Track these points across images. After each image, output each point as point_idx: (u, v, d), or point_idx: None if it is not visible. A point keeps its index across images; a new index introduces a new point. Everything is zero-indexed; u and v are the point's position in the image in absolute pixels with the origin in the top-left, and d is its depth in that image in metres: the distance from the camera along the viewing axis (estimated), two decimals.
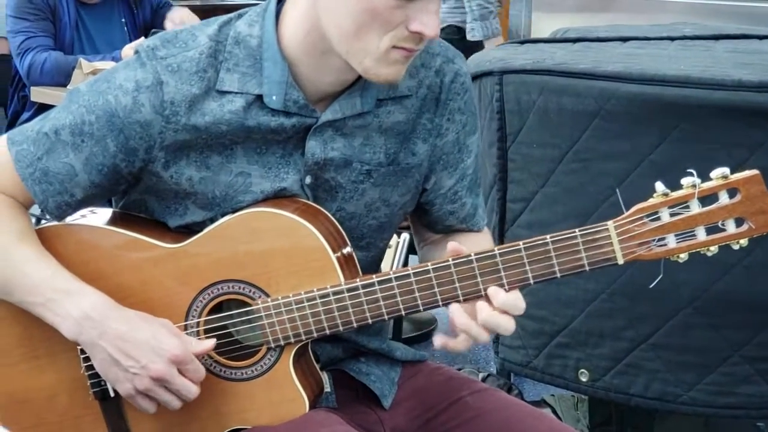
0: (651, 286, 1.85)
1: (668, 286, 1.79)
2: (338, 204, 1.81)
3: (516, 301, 1.67)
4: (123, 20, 4.61)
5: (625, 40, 3.33)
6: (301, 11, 1.71)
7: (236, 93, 1.73)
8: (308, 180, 1.78)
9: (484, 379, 3.24)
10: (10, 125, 4.66)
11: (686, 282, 2.63)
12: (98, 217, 1.88)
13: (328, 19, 1.67)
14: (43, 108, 4.16)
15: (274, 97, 1.73)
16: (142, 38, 4.36)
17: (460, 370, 3.31)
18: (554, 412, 3.31)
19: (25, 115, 4.51)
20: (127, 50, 4.30)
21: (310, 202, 1.79)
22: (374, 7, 1.62)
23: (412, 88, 1.82)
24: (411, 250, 3.72)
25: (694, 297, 2.67)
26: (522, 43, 3.36)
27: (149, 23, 4.65)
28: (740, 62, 2.84)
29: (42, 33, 4.40)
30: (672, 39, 3.36)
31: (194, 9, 6.87)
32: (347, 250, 1.78)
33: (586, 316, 2.79)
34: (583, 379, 2.83)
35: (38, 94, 4.30)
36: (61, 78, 4.25)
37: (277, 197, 1.78)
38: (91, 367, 1.80)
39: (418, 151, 1.85)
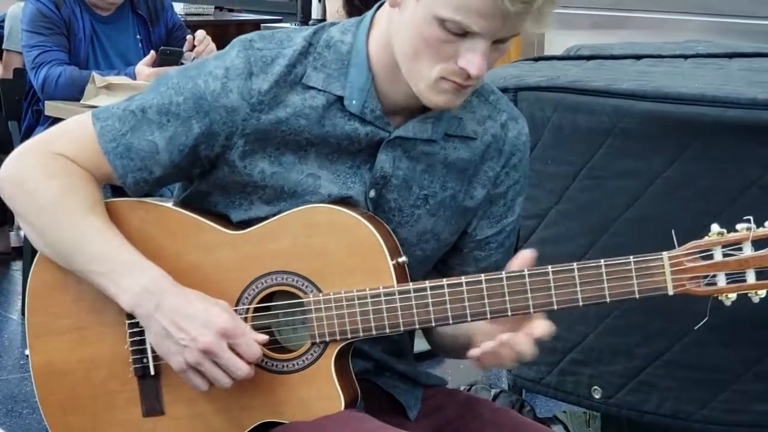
0: (696, 327, 1.87)
1: (681, 303, 1.80)
2: (392, 227, 1.83)
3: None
4: (138, 37, 4.62)
5: (638, 57, 3.33)
6: (383, 25, 1.77)
7: (319, 90, 1.79)
8: (372, 194, 1.82)
9: (496, 395, 3.24)
10: (24, 139, 4.67)
11: (699, 299, 2.63)
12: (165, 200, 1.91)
13: (395, 39, 1.74)
14: (58, 122, 4.17)
15: (354, 102, 1.78)
16: (153, 53, 4.36)
17: (472, 386, 3.32)
18: (566, 429, 3.30)
19: (39, 129, 4.52)
20: (141, 67, 4.32)
21: (370, 213, 1.82)
22: (426, 37, 1.67)
23: (478, 132, 1.86)
24: None
25: (708, 315, 2.66)
26: (536, 60, 3.37)
27: (164, 42, 4.65)
28: (754, 80, 2.85)
29: (56, 47, 4.41)
30: (685, 57, 3.37)
31: (207, 24, 6.93)
32: (402, 259, 1.79)
33: (600, 332, 2.79)
34: (596, 396, 2.83)
35: (52, 108, 4.31)
36: (76, 92, 4.26)
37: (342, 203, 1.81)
38: (135, 343, 1.83)
39: (476, 196, 1.88)
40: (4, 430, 3.69)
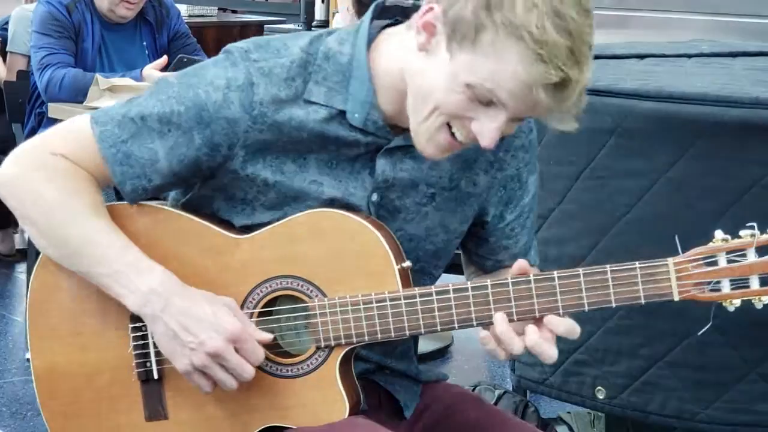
0: (699, 333, 1.87)
1: (684, 304, 1.80)
2: (399, 224, 1.84)
3: (573, 326, 1.71)
4: (144, 43, 4.64)
5: (642, 57, 3.33)
6: (394, 50, 1.75)
7: (321, 105, 1.77)
8: (375, 198, 1.81)
9: (500, 396, 3.23)
10: None
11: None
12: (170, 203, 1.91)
13: (415, 76, 1.70)
14: None
15: (356, 115, 1.77)
16: (165, 57, 4.38)
17: (475, 387, 3.31)
18: (570, 429, 3.30)
19: (41, 133, 4.53)
20: (148, 70, 4.32)
21: (373, 218, 1.81)
22: (447, 95, 1.65)
23: None
24: None
25: (711, 320, 2.66)
26: None
27: (166, 49, 4.67)
28: (758, 80, 2.84)
29: (64, 50, 4.43)
30: (689, 56, 3.36)
31: (211, 26, 6.93)
32: (406, 264, 1.79)
33: (603, 333, 2.78)
34: (600, 396, 2.82)
35: (56, 110, 4.31)
36: (80, 94, 4.26)
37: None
38: (138, 347, 1.83)
39: (479, 182, 1.87)
40: None
